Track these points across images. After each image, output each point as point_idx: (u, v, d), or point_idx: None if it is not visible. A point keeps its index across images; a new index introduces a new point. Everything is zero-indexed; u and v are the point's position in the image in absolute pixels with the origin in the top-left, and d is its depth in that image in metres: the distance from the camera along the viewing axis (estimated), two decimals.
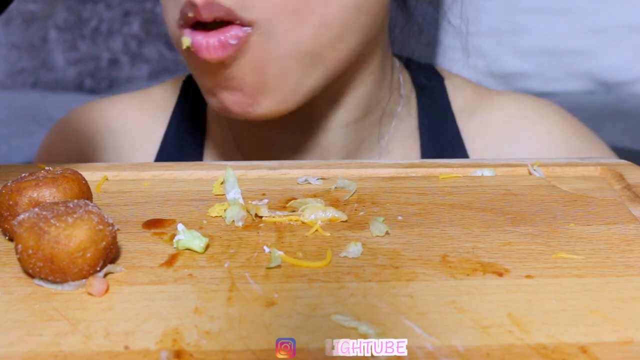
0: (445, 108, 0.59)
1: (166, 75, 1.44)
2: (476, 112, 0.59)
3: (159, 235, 0.33)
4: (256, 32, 0.42)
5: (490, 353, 0.24)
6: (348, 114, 0.53)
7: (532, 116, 0.59)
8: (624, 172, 0.40)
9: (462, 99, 0.60)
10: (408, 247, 0.32)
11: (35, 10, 1.41)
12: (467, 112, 0.59)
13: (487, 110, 0.59)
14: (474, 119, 0.59)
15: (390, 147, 0.57)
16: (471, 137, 0.58)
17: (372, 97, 0.53)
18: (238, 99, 0.45)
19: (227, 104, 0.46)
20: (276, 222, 0.34)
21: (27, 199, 0.31)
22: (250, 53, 0.43)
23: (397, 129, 0.57)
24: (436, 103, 0.59)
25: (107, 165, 0.42)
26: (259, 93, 0.45)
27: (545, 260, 0.30)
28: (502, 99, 0.60)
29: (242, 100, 0.45)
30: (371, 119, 0.55)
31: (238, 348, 0.24)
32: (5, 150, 1.15)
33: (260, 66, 0.44)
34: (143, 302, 0.27)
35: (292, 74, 0.45)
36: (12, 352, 0.24)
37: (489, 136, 0.58)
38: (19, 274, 0.29)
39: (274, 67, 0.44)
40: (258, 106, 0.45)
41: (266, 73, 0.44)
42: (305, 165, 0.42)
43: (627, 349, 0.24)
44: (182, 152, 0.59)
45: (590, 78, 1.28)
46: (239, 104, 0.45)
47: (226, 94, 0.45)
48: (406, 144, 0.57)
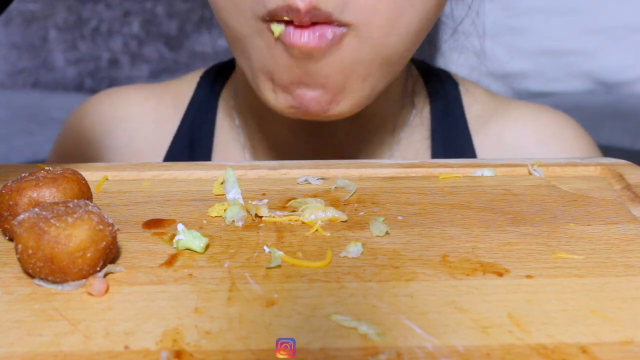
0: (459, 117, 0.58)
1: (166, 75, 1.44)
2: (490, 122, 0.58)
3: (159, 235, 0.33)
4: (352, 34, 0.42)
5: (490, 353, 0.24)
6: (366, 122, 0.53)
7: (548, 133, 0.58)
8: (624, 172, 0.40)
9: (476, 107, 0.59)
10: (408, 247, 0.32)
11: (35, 10, 1.41)
12: (481, 122, 0.58)
13: (501, 121, 0.58)
14: (488, 129, 0.58)
15: (401, 154, 0.56)
16: (484, 150, 0.57)
17: (391, 105, 0.54)
18: (319, 96, 0.44)
19: (304, 101, 0.44)
20: (276, 222, 0.34)
21: (27, 199, 0.31)
22: (342, 51, 0.42)
23: (409, 138, 0.57)
24: (450, 111, 0.58)
25: (107, 165, 0.42)
26: (341, 92, 0.44)
27: (545, 260, 0.30)
28: (518, 111, 0.59)
29: (324, 97, 0.44)
30: (385, 128, 0.55)
31: (238, 348, 0.24)
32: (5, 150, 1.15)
33: (349, 66, 0.43)
34: (143, 302, 0.27)
35: (373, 77, 0.45)
36: (12, 352, 0.24)
37: (502, 151, 0.57)
38: (19, 274, 0.29)
39: (361, 70, 0.44)
40: (337, 105, 0.44)
41: (352, 74, 0.43)
42: (305, 165, 0.42)
43: (627, 349, 0.24)
44: (193, 149, 0.59)
45: (590, 78, 1.28)
46: (320, 101, 0.44)
47: (306, 90, 0.44)
48: (418, 153, 0.57)
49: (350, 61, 0.43)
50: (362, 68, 0.44)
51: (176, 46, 1.45)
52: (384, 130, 0.55)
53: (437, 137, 0.57)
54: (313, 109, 0.44)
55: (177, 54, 1.45)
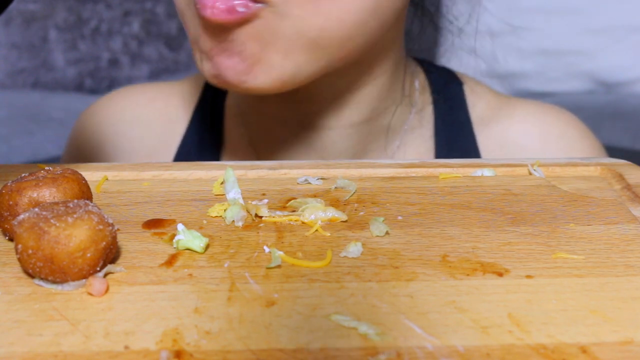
0: (463, 116, 0.58)
1: (166, 75, 1.44)
2: (495, 122, 0.58)
3: (159, 235, 0.33)
4: (269, 9, 0.42)
5: (490, 353, 0.24)
6: (352, 115, 0.53)
7: (553, 133, 0.57)
8: (624, 172, 0.40)
9: (481, 106, 0.59)
10: (408, 247, 0.32)
11: (35, 10, 1.41)
12: (485, 122, 0.58)
13: (506, 120, 0.58)
14: (492, 129, 0.58)
15: (401, 154, 0.56)
16: (488, 150, 0.57)
17: (379, 100, 0.53)
18: (234, 64, 0.44)
19: (222, 68, 0.44)
20: (276, 222, 0.34)
21: (27, 199, 0.31)
22: (258, 24, 0.42)
23: (410, 136, 0.57)
24: (454, 110, 0.58)
25: (107, 165, 0.42)
26: (257, 64, 0.44)
27: (545, 260, 0.30)
28: (522, 111, 0.58)
29: (239, 66, 0.44)
30: (377, 123, 0.54)
31: (238, 348, 0.24)
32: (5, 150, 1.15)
33: (265, 39, 0.43)
34: (143, 302, 0.27)
35: (295, 56, 0.44)
36: (12, 352, 0.24)
37: (506, 151, 0.57)
38: (19, 274, 0.29)
39: (280, 45, 0.43)
40: (253, 78, 0.44)
41: (269, 47, 0.43)
42: (305, 165, 0.42)
43: (627, 349, 0.24)
44: (202, 149, 0.59)
45: (590, 78, 1.28)
46: (235, 70, 0.44)
47: (222, 58, 0.44)
48: (420, 152, 0.57)
49: (268, 34, 0.43)
50: (282, 43, 0.43)
51: (176, 46, 1.45)
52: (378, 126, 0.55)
53: (441, 137, 0.57)
54: (230, 78, 0.44)
55: (177, 54, 1.45)
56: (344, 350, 0.24)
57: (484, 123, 0.58)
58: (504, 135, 0.57)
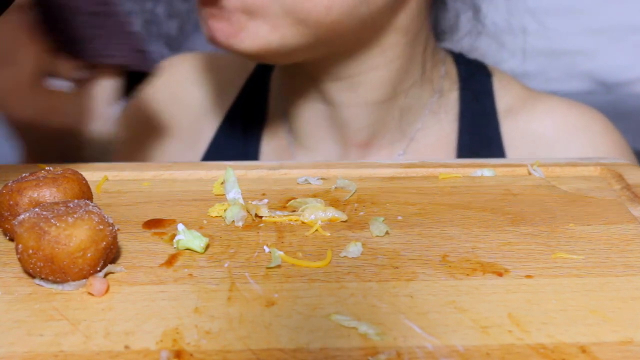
0: (489, 105, 0.60)
1: None
2: (520, 113, 0.59)
3: (159, 235, 0.33)
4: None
5: (490, 353, 0.24)
6: (367, 94, 0.56)
7: (576, 127, 0.59)
8: (623, 172, 0.40)
9: (508, 98, 0.60)
10: (408, 247, 0.32)
11: None
12: (511, 112, 0.60)
13: (530, 112, 0.59)
14: (517, 119, 0.59)
15: (420, 137, 0.59)
16: (512, 141, 0.59)
17: (394, 82, 0.56)
18: (223, 27, 0.50)
19: (212, 30, 0.50)
20: (276, 222, 0.34)
21: (28, 199, 0.31)
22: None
23: (431, 120, 0.59)
24: (480, 99, 0.60)
25: (108, 165, 0.42)
26: (243, 30, 0.49)
27: (545, 260, 0.30)
28: (547, 104, 0.60)
29: (226, 29, 0.50)
30: (395, 104, 0.57)
31: (238, 348, 0.24)
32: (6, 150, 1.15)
33: (252, 12, 0.48)
34: (143, 302, 0.27)
35: (281, 30, 0.49)
36: (12, 352, 0.24)
37: (530, 142, 0.59)
38: (19, 274, 0.29)
39: (266, 19, 0.48)
40: (240, 41, 0.50)
41: (256, 18, 0.49)
42: (305, 165, 0.42)
43: (627, 348, 0.25)
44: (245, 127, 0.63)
45: (590, 78, 1.28)
46: (223, 32, 0.50)
47: (214, 22, 0.50)
48: (441, 137, 0.59)
49: (255, 8, 0.48)
50: (269, 18, 0.48)
51: (176, 46, 1.45)
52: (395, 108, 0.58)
53: (464, 123, 0.59)
54: (219, 39, 0.50)
55: (177, 54, 1.45)
56: (344, 350, 0.24)
57: (509, 113, 0.60)
58: (529, 127, 0.59)
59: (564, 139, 0.58)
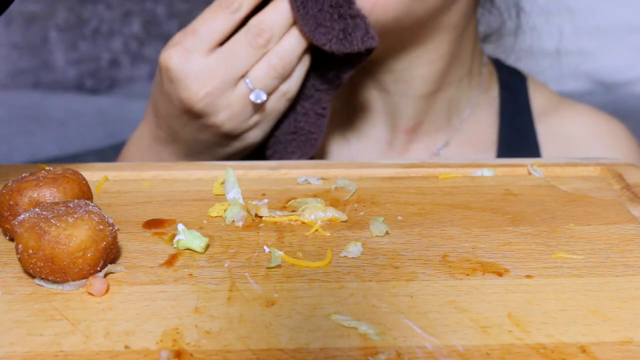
0: (525, 104, 0.66)
1: None
2: (553, 115, 0.65)
3: (159, 235, 0.33)
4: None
5: (490, 353, 0.24)
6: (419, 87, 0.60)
7: (605, 129, 0.65)
8: (623, 172, 0.40)
9: (541, 100, 0.66)
10: (408, 247, 0.32)
11: (35, 11, 1.41)
12: (544, 113, 0.65)
13: (562, 114, 0.66)
14: (549, 120, 0.65)
15: (464, 128, 0.64)
16: (545, 138, 0.64)
17: (443, 77, 0.60)
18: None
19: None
20: (276, 222, 0.34)
21: (28, 199, 0.31)
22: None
23: (475, 115, 0.64)
24: (517, 98, 0.66)
25: (108, 165, 0.42)
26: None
27: (545, 260, 0.30)
28: (577, 109, 0.66)
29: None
30: (442, 97, 0.62)
31: (238, 348, 0.24)
32: (6, 150, 1.15)
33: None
34: (143, 302, 0.27)
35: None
36: (12, 351, 0.24)
37: (561, 141, 0.64)
38: (19, 274, 0.29)
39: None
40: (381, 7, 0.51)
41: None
42: (305, 165, 0.42)
43: (627, 348, 0.25)
44: None
45: (590, 78, 1.28)
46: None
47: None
48: (482, 129, 0.64)
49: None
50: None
51: None
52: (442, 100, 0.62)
53: (505, 117, 0.65)
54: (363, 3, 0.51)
55: None
56: (344, 350, 0.24)
57: (543, 114, 0.65)
58: (561, 127, 0.65)
59: (594, 141, 0.64)
